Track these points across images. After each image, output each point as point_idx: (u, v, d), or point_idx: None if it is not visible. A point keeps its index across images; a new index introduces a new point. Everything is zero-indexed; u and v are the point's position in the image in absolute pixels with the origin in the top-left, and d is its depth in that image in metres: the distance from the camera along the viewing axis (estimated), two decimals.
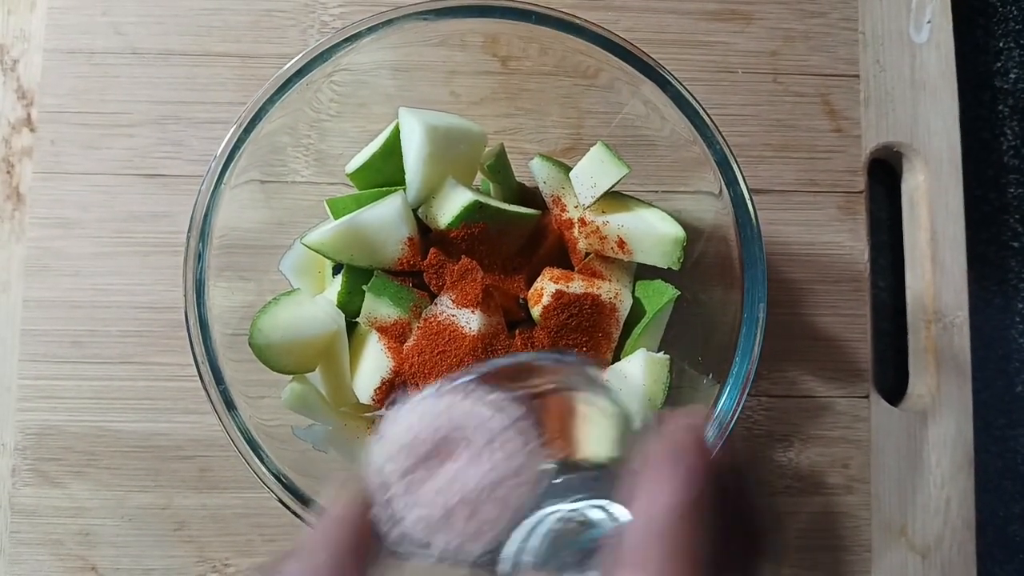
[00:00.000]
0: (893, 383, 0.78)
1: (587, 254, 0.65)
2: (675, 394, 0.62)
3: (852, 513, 0.74)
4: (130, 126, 0.74)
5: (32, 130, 0.74)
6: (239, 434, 0.57)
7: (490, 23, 0.59)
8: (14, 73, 0.75)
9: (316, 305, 0.63)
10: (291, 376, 0.62)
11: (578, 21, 0.58)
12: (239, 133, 0.58)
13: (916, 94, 0.77)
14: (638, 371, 0.61)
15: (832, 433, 0.74)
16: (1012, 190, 0.83)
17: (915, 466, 0.74)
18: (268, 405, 0.61)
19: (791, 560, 0.73)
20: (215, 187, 0.58)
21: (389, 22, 0.57)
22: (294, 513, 0.56)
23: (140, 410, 0.72)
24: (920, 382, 0.76)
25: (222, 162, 0.58)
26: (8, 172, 0.74)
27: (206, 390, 0.57)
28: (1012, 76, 0.84)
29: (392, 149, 0.63)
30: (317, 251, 0.62)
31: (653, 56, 0.59)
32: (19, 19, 0.75)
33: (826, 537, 0.74)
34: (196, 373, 0.57)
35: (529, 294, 0.64)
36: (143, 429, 0.72)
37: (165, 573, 0.71)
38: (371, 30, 0.57)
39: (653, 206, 0.65)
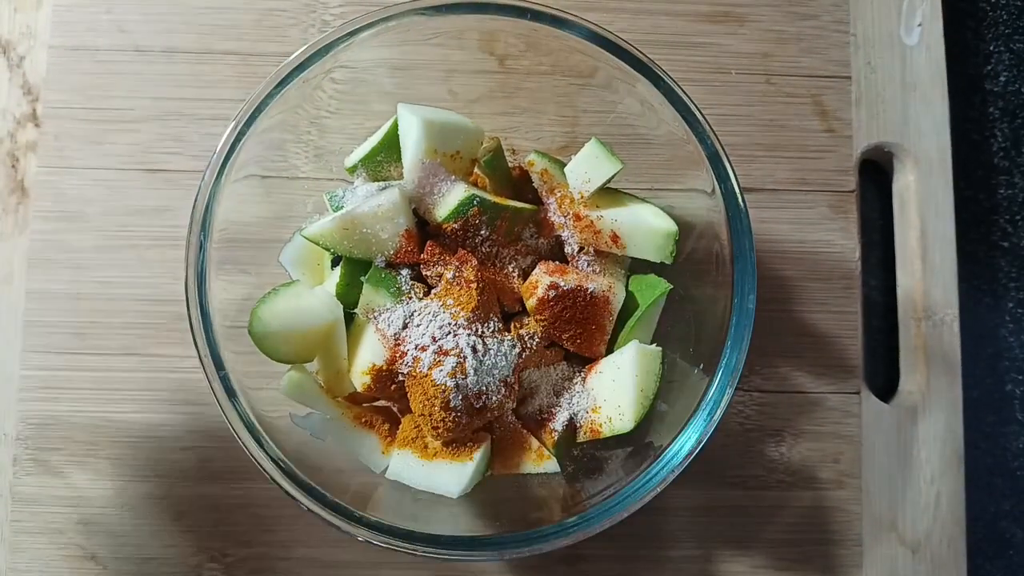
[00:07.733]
0: (884, 380, 0.79)
1: (581, 248, 0.66)
2: (667, 386, 0.63)
3: (843, 507, 0.74)
4: (133, 122, 0.76)
5: (37, 125, 0.75)
6: (239, 420, 0.58)
7: (487, 20, 0.60)
8: (20, 69, 0.76)
9: (315, 296, 0.64)
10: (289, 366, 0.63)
11: (571, 17, 0.59)
12: (239, 127, 0.59)
13: (907, 95, 0.79)
14: (631, 362, 0.62)
15: (823, 428, 0.75)
16: (1002, 191, 0.84)
17: (905, 462, 0.75)
18: (267, 397, 0.61)
19: (782, 553, 0.74)
20: (216, 180, 0.59)
21: (387, 18, 0.59)
22: (292, 497, 0.57)
23: (141, 401, 0.73)
24: (910, 379, 0.77)
25: (222, 156, 0.59)
26: (13, 166, 0.75)
27: (207, 377, 0.58)
28: (1002, 79, 0.85)
29: (391, 143, 0.64)
30: (316, 243, 0.63)
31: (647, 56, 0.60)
32: (25, 16, 0.76)
33: (817, 531, 0.74)
34: (197, 363, 0.58)
35: (524, 286, 0.65)
36: (143, 420, 0.73)
37: (164, 562, 0.72)
38: (369, 25, 0.58)
39: (646, 201, 0.66)
